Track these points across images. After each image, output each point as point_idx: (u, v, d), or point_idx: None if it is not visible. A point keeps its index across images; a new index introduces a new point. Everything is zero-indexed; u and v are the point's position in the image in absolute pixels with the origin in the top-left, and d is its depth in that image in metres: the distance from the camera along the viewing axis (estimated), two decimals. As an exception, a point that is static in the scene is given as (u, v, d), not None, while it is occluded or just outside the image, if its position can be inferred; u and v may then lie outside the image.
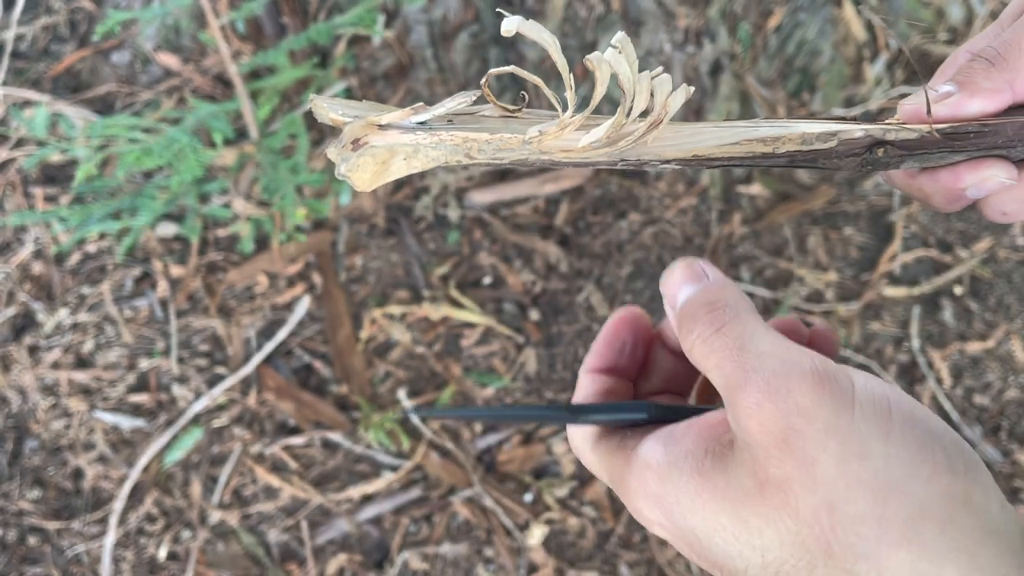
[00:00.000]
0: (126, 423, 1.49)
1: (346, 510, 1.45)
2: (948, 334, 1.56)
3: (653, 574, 1.42)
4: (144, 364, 1.52)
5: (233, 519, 1.44)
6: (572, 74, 0.37)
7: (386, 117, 0.37)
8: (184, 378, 1.51)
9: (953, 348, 1.55)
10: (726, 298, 0.41)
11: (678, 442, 0.40)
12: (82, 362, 1.53)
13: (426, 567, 1.42)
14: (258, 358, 1.51)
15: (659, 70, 0.37)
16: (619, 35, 0.35)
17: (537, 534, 1.42)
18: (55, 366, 1.52)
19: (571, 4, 1.54)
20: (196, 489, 1.46)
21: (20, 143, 1.63)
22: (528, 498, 1.46)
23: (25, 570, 1.42)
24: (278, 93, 1.52)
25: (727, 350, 0.39)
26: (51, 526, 1.44)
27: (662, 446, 0.41)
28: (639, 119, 0.40)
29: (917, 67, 0.53)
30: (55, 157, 1.59)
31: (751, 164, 0.43)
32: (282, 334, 1.53)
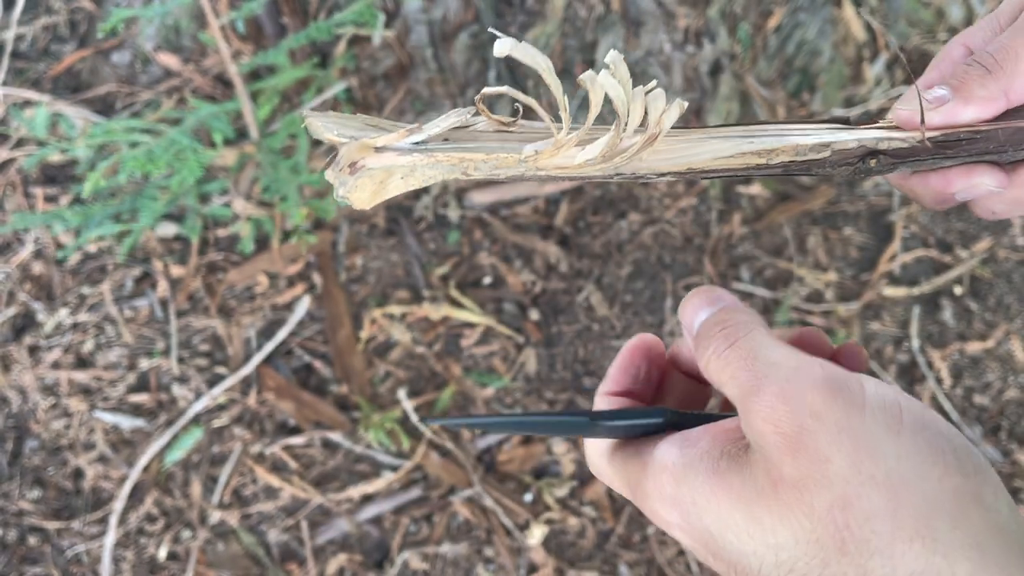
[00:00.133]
0: (126, 423, 1.49)
1: (346, 510, 1.45)
2: (948, 334, 1.57)
3: (653, 574, 1.42)
4: (144, 364, 1.53)
5: (233, 519, 1.45)
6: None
7: (381, 140, 0.37)
8: (184, 378, 1.52)
9: (953, 348, 1.55)
10: (738, 317, 0.42)
11: (693, 444, 0.41)
12: (82, 362, 1.53)
13: (426, 567, 1.42)
14: (258, 358, 1.51)
15: (653, 84, 0.37)
16: (612, 54, 0.35)
17: (537, 534, 1.42)
18: (55, 366, 1.52)
19: (571, 4, 1.54)
20: (196, 489, 1.46)
21: (20, 143, 1.63)
22: (528, 498, 1.46)
23: (25, 570, 1.43)
24: (278, 93, 1.52)
25: (741, 361, 0.40)
26: (51, 526, 1.45)
27: (677, 449, 0.42)
28: (635, 133, 0.40)
29: (912, 74, 0.53)
30: (55, 157, 1.60)
31: (746, 174, 0.43)
32: (282, 334, 1.53)
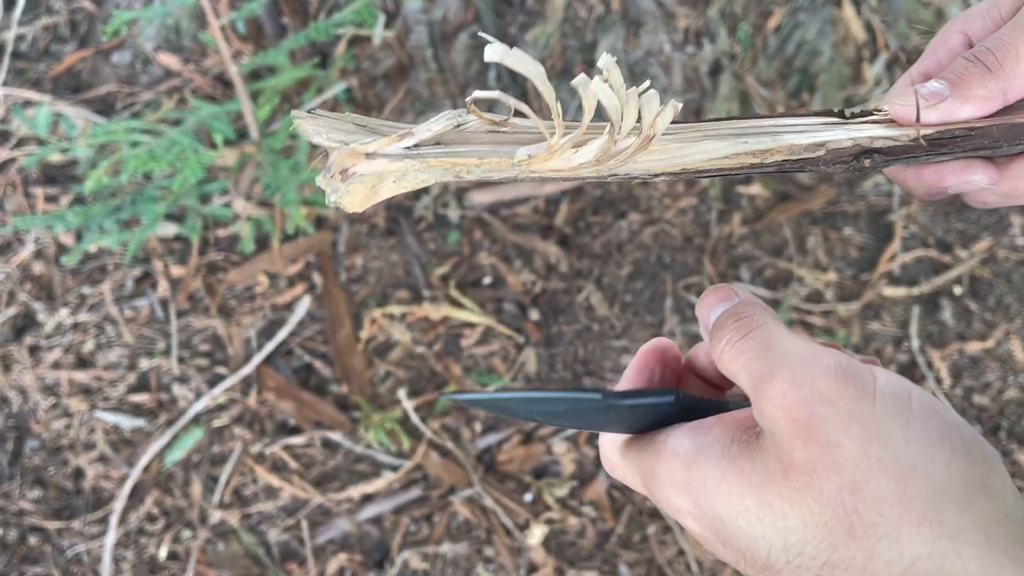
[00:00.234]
0: (127, 423, 1.49)
1: (346, 510, 1.45)
2: (948, 334, 1.56)
3: (653, 574, 1.42)
4: (144, 364, 1.53)
5: (233, 519, 1.45)
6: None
7: (372, 145, 0.37)
8: (184, 378, 1.52)
9: (953, 348, 1.55)
10: (752, 310, 0.43)
11: (705, 432, 0.42)
12: (83, 362, 1.53)
13: (426, 567, 1.42)
14: (258, 358, 1.51)
15: (646, 85, 0.37)
16: (604, 59, 0.35)
17: (537, 534, 1.42)
18: (56, 366, 1.52)
19: (571, 4, 1.54)
20: (196, 489, 1.46)
21: (21, 143, 1.63)
22: (528, 498, 1.46)
23: (26, 570, 1.43)
24: (278, 93, 1.53)
25: (754, 351, 0.41)
26: (52, 526, 1.45)
27: (689, 436, 0.43)
28: (630, 134, 0.40)
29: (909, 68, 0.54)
30: (56, 157, 1.60)
31: (740, 173, 0.43)
32: (282, 334, 1.53)
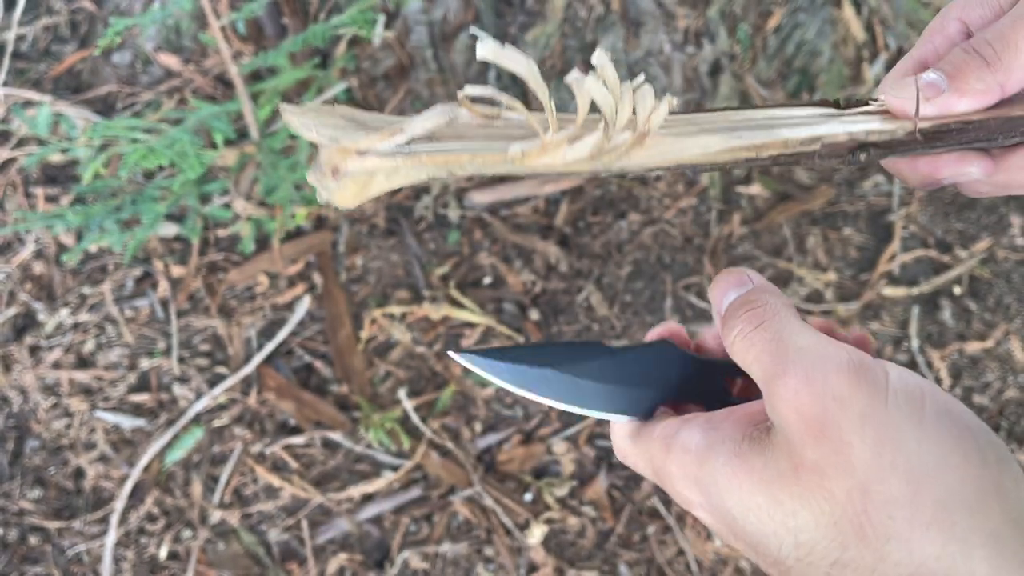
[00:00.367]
0: (127, 423, 1.49)
1: (346, 509, 1.45)
2: (947, 334, 1.56)
3: (653, 574, 1.42)
4: (145, 364, 1.53)
5: (234, 518, 1.45)
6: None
7: (363, 142, 0.37)
8: (185, 378, 1.52)
9: (952, 348, 1.55)
10: (766, 298, 0.43)
11: (716, 428, 0.42)
12: (83, 362, 1.53)
13: (426, 566, 1.42)
14: (259, 358, 1.52)
15: (640, 80, 0.37)
16: (598, 56, 0.35)
17: (537, 533, 1.42)
18: (56, 366, 1.52)
19: (571, 4, 1.54)
20: (197, 489, 1.46)
21: (21, 143, 1.63)
22: (528, 498, 1.46)
23: (26, 569, 1.43)
24: (279, 94, 1.53)
25: (766, 343, 0.40)
26: (52, 525, 1.45)
27: (700, 432, 0.43)
28: (624, 129, 0.40)
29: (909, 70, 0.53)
30: (56, 157, 1.60)
31: (734, 167, 0.44)
32: (282, 334, 1.53)
